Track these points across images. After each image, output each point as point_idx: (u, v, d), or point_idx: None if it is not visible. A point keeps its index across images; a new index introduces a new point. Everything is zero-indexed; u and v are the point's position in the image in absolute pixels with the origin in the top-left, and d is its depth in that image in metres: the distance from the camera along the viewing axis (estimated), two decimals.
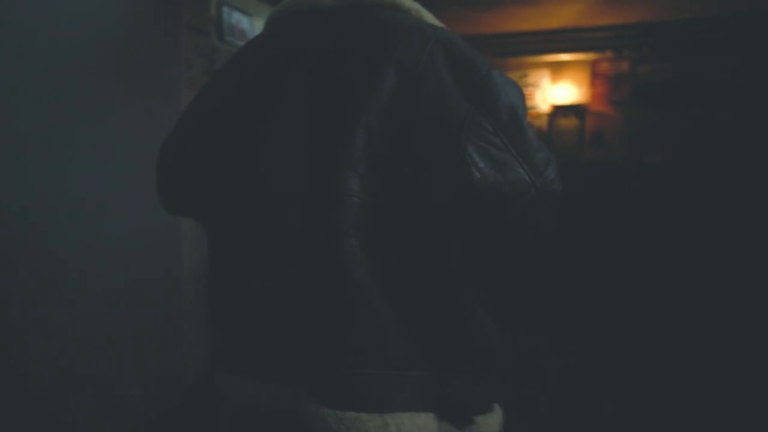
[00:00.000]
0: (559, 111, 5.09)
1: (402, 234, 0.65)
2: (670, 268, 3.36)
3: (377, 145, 0.64)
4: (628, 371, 2.65)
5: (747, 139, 4.17)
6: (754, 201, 3.39)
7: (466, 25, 4.29)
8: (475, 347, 0.70)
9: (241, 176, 0.70)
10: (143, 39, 1.89)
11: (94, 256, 1.76)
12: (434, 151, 0.64)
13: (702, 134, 4.43)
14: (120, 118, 1.83)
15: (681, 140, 4.51)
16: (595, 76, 4.93)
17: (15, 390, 1.48)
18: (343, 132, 0.64)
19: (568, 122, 5.06)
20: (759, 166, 3.72)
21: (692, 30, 4.26)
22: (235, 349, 0.72)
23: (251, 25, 2.94)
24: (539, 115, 5.15)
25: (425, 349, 0.67)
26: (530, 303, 3.42)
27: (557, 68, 5.08)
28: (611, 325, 3.19)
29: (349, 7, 0.72)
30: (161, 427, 2.01)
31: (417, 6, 0.75)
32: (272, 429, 0.68)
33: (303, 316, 0.65)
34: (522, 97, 0.70)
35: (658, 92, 4.68)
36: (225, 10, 2.68)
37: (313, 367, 0.64)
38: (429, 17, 0.75)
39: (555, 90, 5.10)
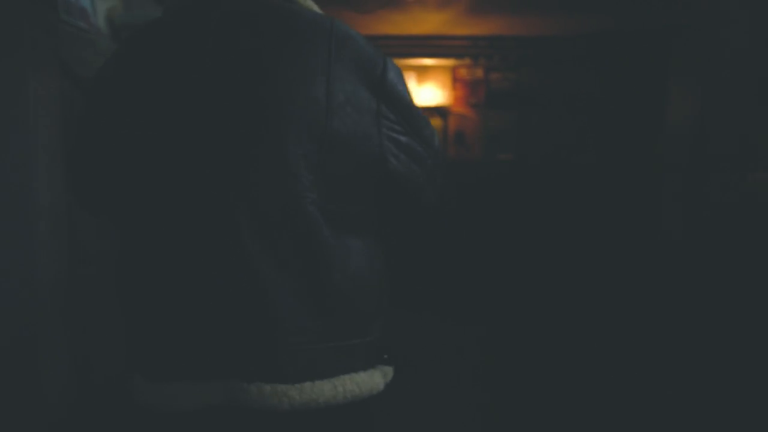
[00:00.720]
0: (424, 111, 5.45)
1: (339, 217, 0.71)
2: (524, 253, 3.87)
3: (304, 144, 0.67)
4: (512, 356, 3.00)
5: (580, 138, 4.97)
6: (587, 191, 4.07)
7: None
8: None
9: (157, 172, 0.68)
10: None
11: None
12: (359, 147, 0.69)
13: (543, 135, 5.15)
14: None
15: (521, 139, 5.19)
16: (456, 80, 5.40)
17: None
18: (265, 130, 0.66)
19: (433, 122, 5.44)
20: (587, 160, 4.48)
21: (534, 45, 4.94)
22: (161, 353, 0.70)
23: (93, 5, 2.57)
24: None
25: (378, 314, 0.76)
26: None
27: (422, 71, 5.43)
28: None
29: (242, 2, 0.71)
30: None
31: None
32: (204, 425, 0.69)
33: (241, 303, 0.66)
34: (403, 76, 0.79)
35: (506, 97, 5.32)
36: None
37: (255, 353, 0.66)
38: (314, 6, 0.79)
39: (421, 92, 5.45)
